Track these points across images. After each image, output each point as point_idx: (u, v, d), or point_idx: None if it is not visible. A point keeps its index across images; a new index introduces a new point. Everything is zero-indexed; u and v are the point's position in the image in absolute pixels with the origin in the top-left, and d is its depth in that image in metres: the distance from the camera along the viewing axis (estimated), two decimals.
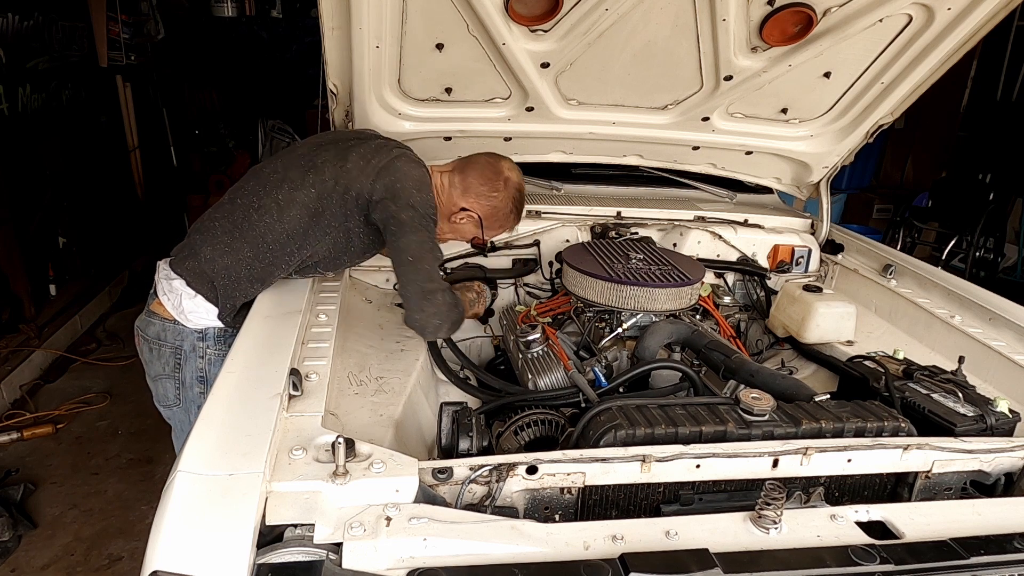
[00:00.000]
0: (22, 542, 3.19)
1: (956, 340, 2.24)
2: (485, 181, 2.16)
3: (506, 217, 2.22)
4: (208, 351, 2.09)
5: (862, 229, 5.32)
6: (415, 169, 2.06)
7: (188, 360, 2.10)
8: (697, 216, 2.99)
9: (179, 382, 2.13)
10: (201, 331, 2.08)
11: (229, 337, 2.07)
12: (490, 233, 2.26)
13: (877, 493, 1.62)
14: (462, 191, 2.16)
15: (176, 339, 2.08)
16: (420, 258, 1.97)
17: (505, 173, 2.18)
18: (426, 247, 1.98)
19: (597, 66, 2.41)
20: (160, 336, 2.09)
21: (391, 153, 2.08)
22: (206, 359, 2.10)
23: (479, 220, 2.18)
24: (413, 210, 1.98)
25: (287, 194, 2.03)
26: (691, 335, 2.13)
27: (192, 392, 2.12)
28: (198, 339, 2.08)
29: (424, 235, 1.99)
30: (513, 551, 1.16)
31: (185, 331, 2.07)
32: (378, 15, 2.07)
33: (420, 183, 2.03)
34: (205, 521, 1.12)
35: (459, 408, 1.64)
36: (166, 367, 2.12)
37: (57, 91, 5.29)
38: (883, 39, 2.36)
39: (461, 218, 2.18)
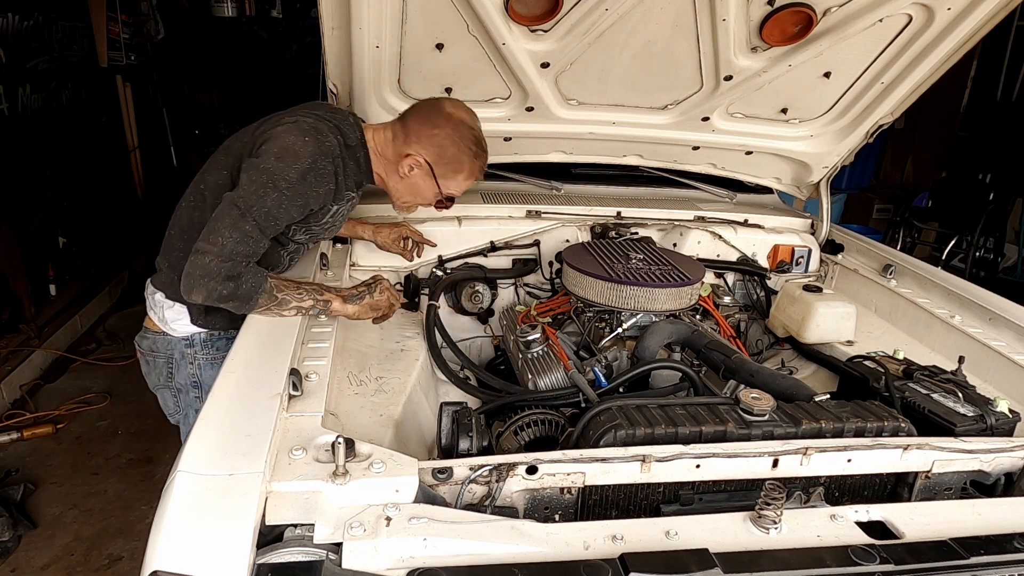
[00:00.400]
0: (22, 542, 3.19)
1: (956, 340, 2.24)
2: (424, 120, 1.96)
3: (457, 159, 1.98)
4: (197, 356, 2.10)
5: (862, 229, 5.32)
6: (292, 136, 1.83)
7: (179, 368, 2.12)
8: (697, 216, 2.99)
9: (175, 390, 2.16)
10: (187, 338, 2.09)
11: (217, 340, 2.10)
12: (447, 183, 2.02)
13: (877, 493, 1.62)
14: (404, 139, 1.98)
15: (166, 349, 2.11)
16: (216, 219, 1.75)
17: (447, 109, 1.98)
18: (230, 214, 1.75)
19: (597, 66, 2.41)
20: (153, 349, 2.13)
21: (284, 116, 1.92)
22: (196, 364, 2.11)
23: (428, 166, 1.97)
24: (256, 173, 1.78)
25: (207, 182, 1.98)
26: (691, 335, 2.13)
27: (188, 397, 2.14)
28: (186, 346, 2.09)
29: (238, 204, 1.76)
30: (513, 551, 1.16)
31: (173, 340, 2.09)
32: (378, 15, 2.07)
33: (285, 151, 1.80)
34: (205, 521, 1.12)
35: (459, 408, 1.64)
36: (160, 377, 2.16)
37: (57, 91, 5.30)
38: (883, 39, 2.36)
39: (409, 167, 1.98)
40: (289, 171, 1.79)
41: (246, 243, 1.75)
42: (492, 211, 2.83)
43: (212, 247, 1.72)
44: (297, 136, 1.83)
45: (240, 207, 1.75)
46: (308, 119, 1.90)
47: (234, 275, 1.74)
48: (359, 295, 1.95)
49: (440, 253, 2.66)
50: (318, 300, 1.86)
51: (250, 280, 1.76)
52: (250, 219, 1.76)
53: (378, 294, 1.98)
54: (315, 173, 1.84)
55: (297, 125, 1.86)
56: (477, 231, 2.72)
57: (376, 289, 1.98)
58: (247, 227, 1.75)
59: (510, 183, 3.06)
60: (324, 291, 1.89)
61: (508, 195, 2.99)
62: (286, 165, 1.79)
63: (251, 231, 1.76)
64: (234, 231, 1.73)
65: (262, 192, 1.77)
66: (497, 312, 2.66)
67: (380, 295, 1.98)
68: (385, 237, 2.55)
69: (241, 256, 1.75)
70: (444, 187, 2.02)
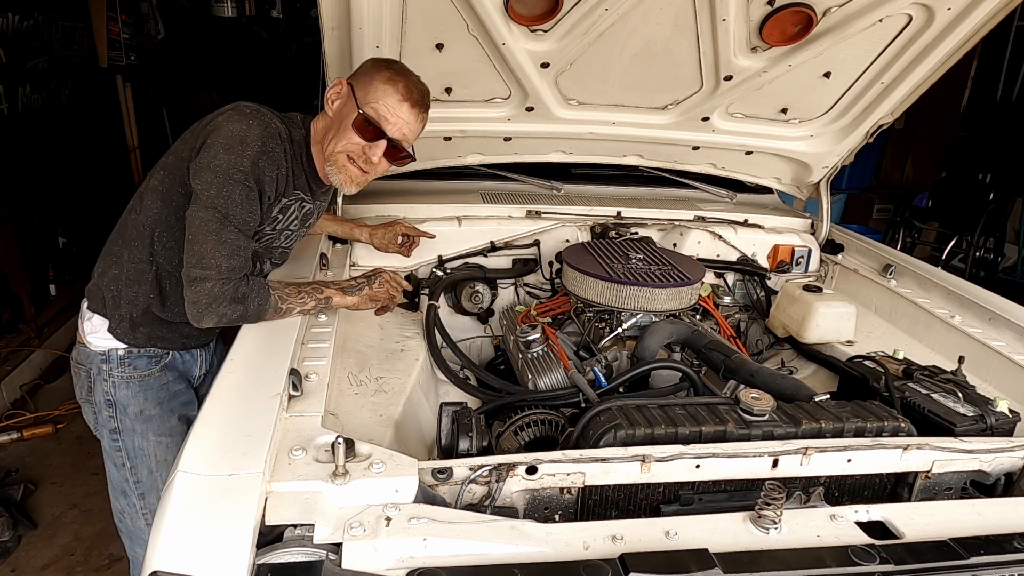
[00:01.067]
0: (22, 542, 3.19)
1: (956, 340, 2.24)
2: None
3: (374, 66, 1.84)
4: (113, 373, 1.97)
5: (862, 229, 5.32)
6: (236, 123, 1.74)
7: (96, 383, 2.00)
8: (697, 216, 2.99)
9: (96, 407, 2.02)
10: (103, 353, 1.97)
11: (135, 358, 1.97)
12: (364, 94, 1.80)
13: (877, 493, 1.62)
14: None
15: (88, 362, 2.00)
16: (197, 238, 1.69)
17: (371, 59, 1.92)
18: (209, 228, 1.68)
19: (597, 66, 2.41)
20: (78, 360, 2.04)
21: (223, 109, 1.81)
22: (110, 382, 1.97)
23: (347, 85, 1.84)
24: (211, 175, 1.69)
25: (146, 183, 1.90)
26: (691, 335, 2.13)
27: (103, 416, 2.01)
28: (102, 361, 1.97)
29: (210, 213, 1.69)
30: (513, 551, 1.16)
31: (92, 353, 1.98)
32: (378, 15, 2.07)
33: (231, 140, 1.71)
34: (205, 521, 1.12)
35: (459, 408, 1.64)
36: (82, 391, 2.05)
37: (57, 91, 5.29)
38: (883, 39, 2.36)
39: (332, 99, 1.86)
40: (242, 160, 1.70)
41: (237, 254, 1.72)
42: (492, 211, 2.83)
43: (209, 271, 1.68)
44: (240, 122, 1.74)
45: (215, 217, 1.69)
46: (248, 105, 1.82)
47: (239, 296, 1.71)
48: (359, 286, 1.94)
49: (440, 253, 2.66)
50: (319, 300, 1.86)
51: (256, 299, 1.74)
52: (229, 226, 1.70)
53: (377, 285, 1.96)
54: (266, 157, 1.75)
55: (237, 111, 1.78)
56: (477, 231, 2.72)
57: (376, 280, 1.97)
58: (231, 236, 1.70)
59: (510, 183, 3.07)
60: (324, 288, 1.88)
61: (508, 195, 2.99)
62: (237, 155, 1.70)
63: (236, 239, 1.71)
64: (221, 247, 1.69)
65: (226, 191, 1.69)
66: (497, 312, 2.66)
67: (379, 287, 1.96)
68: (381, 238, 2.53)
69: (238, 270, 1.71)
70: (361, 101, 1.80)
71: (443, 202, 2.83)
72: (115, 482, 2.07)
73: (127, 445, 2.01)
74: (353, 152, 1.85)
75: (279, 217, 1.91)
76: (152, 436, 2.02)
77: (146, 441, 2.02)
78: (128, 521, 2.10)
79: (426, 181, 2.99)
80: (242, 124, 1.73)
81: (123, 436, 2.01)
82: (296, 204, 1.94)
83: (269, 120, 1.80)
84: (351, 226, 2.54)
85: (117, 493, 2.08)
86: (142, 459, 2.02)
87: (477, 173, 3.01)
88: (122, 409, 1.99)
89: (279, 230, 1.95)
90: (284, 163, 1.82)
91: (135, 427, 2.00)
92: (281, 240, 1.99)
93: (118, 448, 2.02)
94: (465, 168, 2.94)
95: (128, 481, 2.04)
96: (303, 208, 1.98)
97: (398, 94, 1.82)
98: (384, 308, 2.04)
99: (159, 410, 2.03)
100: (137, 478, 2.04)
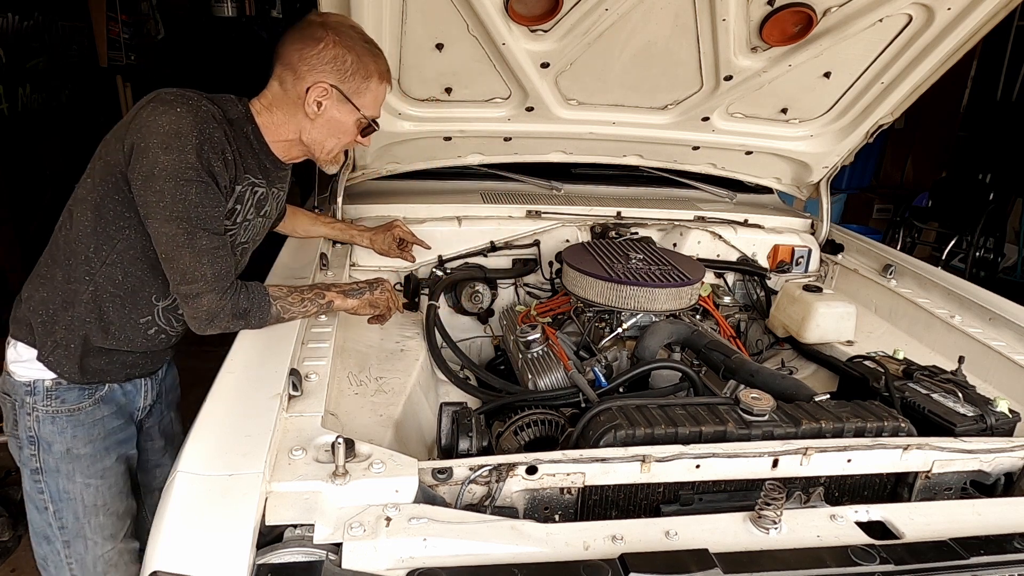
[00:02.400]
0: (22, 542, 3.19)
1: (956, 340, 2.24)
2: (302, 44, 1.69)
3: (360, 64, 1.72)
4: (37, 407, 1.77)
5: (862, 229, 5.32)
6: (164, 115, 1.56)
7: (20, 417, 1.79)
8: (697, 216, 2.99)
9: (20, 442, 1.82)
10: (29, 384, 1.76)
11: (64, 391, 1.77)
12: (362, 98, 1.75)
13: (877, 493, 1.62)
14: (293, 76, 1.70)
15: (13, 392, 1.79)
16: (171, 255, 1.60)
17: (315, 19, 1.73)
18: (179, 242, 1.57)
19: (597, 66, 2.41)
20: (3, 388, 1.82)
21: (143, 102, 1.63)
22: (34, 416, 1.77)
23: (334, 89, 1.71)
24: (159, 182, 1.54)
25: (74, 196, 1.74)
26: (691, 335, 2.13)
27: (24, 453, 1.81)
28: (26, 393, 1.77)
29: (174, 226, 1.56)
30: (513, 551, 1.16)
31: (17, 384, 1.78)
32: (378, 15, 2.07)
33: (167, 136, 1.54)
34: (205, 521, 1.12)
35: (459, 408, 1.64)
36: (8, 423, 1.83)
37: (57, 91, 5.30)
38: (883, 39, 2.36)
39: (316, 103, 1.71)
40: (186, 155, 1.55)
41: (217, 258, 1.63)
42: (492, 211, 2.83)
43: (196, 284, 1.60)
44: (167, 113, 1.56)
45: (181, 229, 1.57)
46: (170, 92, 1.64)
47: (241, 312, 1.66)
48: (359, 290, 1.92)
49: (440, 253, 2.66)
50: (322, 306, 1.84)
51: (257, 314, 1.70)
52: (198, 231, 1.59)
53: (378, 292, 1.94)
54: (209, 144, 1.60)
55: (159, 100, 1.60)
56: (477, 231, 2.72)
57: (377, 288, 1.95)
58: (204, 243, 1.60)
59: (510, 183, 3.07)
60: (326, 293, 1.86)
61: (508, 195, 2.99)
62: (178, 152, 1.54)
63: (209, 243, 1.61)
64: (199, 257, 1.59)
65: (180, 195, 1.55)
66: (497, 312, 2.66)
67: (380, 294, 1.95)
68: (381, 243, 2.50)
69: (225, 274, 1.65)
70: (361, 105, 1.75)
71: (443, 202, 2.83)
72: (36, 526, 1.86)
73: (51, 487, 1.81)
74: (349, 145, 1.87)
75: (236, 208, 1.77)
76: (80, 478, 1.82)
77: (72, 483, 1.81)
78: (52, 569, 1.89)
79: (426, 181, 2.99)
80: (170, 115, 1.56)
81: (46, 477, 1.81)
82: (248, 190, 1.79)
83: (197, 103, 1.62)
84: (352, 232, 2.51)
85: (39, 538, 1.88)
86: (67, 503, 1.82)
87: (477, 173, 3.01)
88: (46, 447, 1.79)
89: (240, 223, 1.81)
90: (228, 146, 1.66)
91: (60, 467, 1.80)
92: (243, 235, 1.85)
93: (40, 490, 1.82)
94: (465, 168, 2.93)
95: (51, 526, 1.84)
96: (256, 193, 1.81)
97: (387, 85, 1.81)
98: (380, 317, 2.01)
99: (90, 449, 1.82)
100: (62, 523, 1.84)
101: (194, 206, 1.58)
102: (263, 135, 1.78)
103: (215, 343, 1.75)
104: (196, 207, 1.58)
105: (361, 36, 1.75)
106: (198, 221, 1.59)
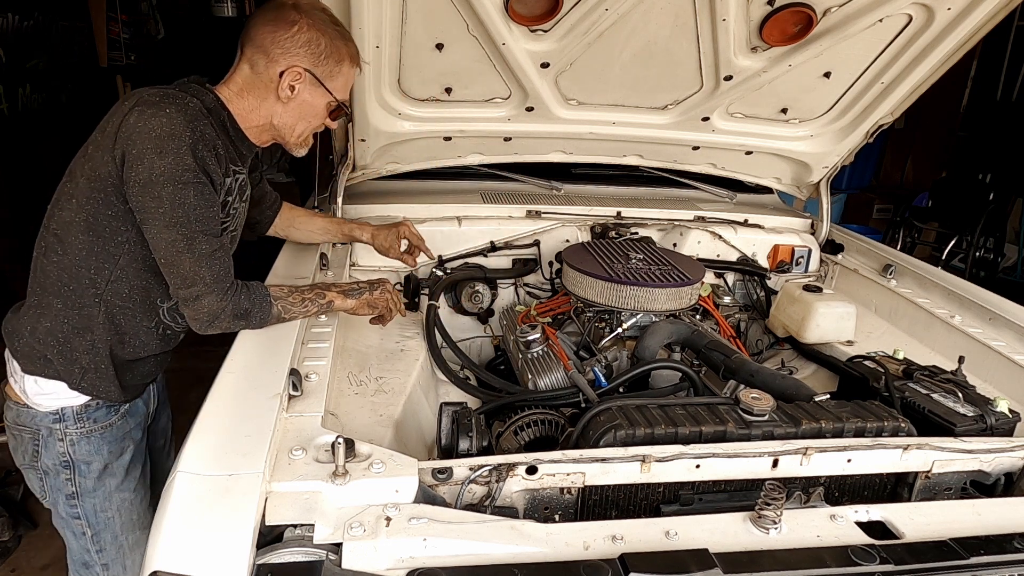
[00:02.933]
0: (22, 542, 3.19)
1: (956, 340, 2.24)
2: (274, 26, 1.67)
3: (333, 47, 1.72)
4: (69, 431, 1.76)
5: (862, 229, 5.32)
6: (153, 118, 1.54)
7: (47, 446, 1.77)
8: (697, 216, 2.99)
9: (41, 472, 1.80)
10: (56, 412, 1.75)
11: (94, 411, 1.77)
12: (334, 82, 1.75)
13: (877, 493, 1.62)
14: (265, 59, 1.68)
15: (32, 423, 1.76)
16: (171, 261, 1.60)
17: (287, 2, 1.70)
18: (178, 247, 1.57)
19: (597, 66, 2.41)
20: (17, 421, 1.78)
21: (124, 107, 1.60)
22: (66, 441, 1.76)
23: (309, 73, 1.70)
24: (157, 188, 1.53)
25: (57, 219, 1.67)
26: (691, 335, 2.13)
27: (58, 480, 1.79)
28: (54, 421, 1.75)
29: (173, 232, 1.56)
30: (513, 551, 1.16)
31: (39, 415, 1.75)
32: (378, 15, 2.07)
33: (161, 140, 1.53)
34: (205, 521, 1.12)
35: (459, 408, 1.64)
36: (26, 455, 1.79)
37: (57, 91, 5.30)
38: (883, 39, 2.36)
39: (289, 87, 1.70)
40: (182, 158, 1.54)
41: (216, 260, 1.63)
42: (492, 211, 2.83)
43: (197, 287, 1.61)
44: (156, 116, 1.55)
45: (180, 235, 1.57)
46: (151, 92, 1.63)
47: (242, 313, 1.66)
48: (360, 291, 1.91)
49: (440, 253, 2.66)
50: (322, 306, 1.84)
51: (258, 315, 1.70)
52: (197, 236, 1.59)
53: (378, 293, 1.93)
54: (202, 142, 1.60)
55: (144, 103, 1.58)
56: (477, 231, 2.72)
57: (378, 288, 1.94)
58: (203, 246, 1.60)
59: (510, 183, 3.07)
60: (326, 293, 1.86)
61: (508, 195, 2.99)
62: (174, 155, 1.53)
63: (208, 246, 1.61)
64: (199, 261, 1.60)
65: (179, 199, 1.55)
66: (497, 312, 2.66)
67: (380, 295, 1.93)
68: (384, 240, 2.39)
69: (224, 275, 1.65)
70: (333, 88, 1.75)
71: (443, 202, 2.83)
72: (75, 553, 1.87)
73: (87, 510, 1.82)
74: (318, 128, 1.86)
75: (228, 200, 1.77)
76: (116, 495, 1.84)
77: (109, 502, 1.83)
78: None
79: (426, 181, 2.99)
80: (160, 118, 1.54)
81: (83, 500, 1.80)
82: (234, 180, 1.78)
83: (182, 100, 1.61)
84: (351, 226, 2.44)
85: (77, 566, 1.89)
86: (106, 524, 1.84)
87: (477, 173, 3.01)
88: (83, 468, 1.79)
89: (231, 215, 1.82)
90: (217, 139, 1.66)
91: (96, 488, 1.81)
92: (232, 224, 1.84)
93: (76, 516, 1.82)
94: (465, 168, 2.93)
95: (90, 551, 1.85)
96: (238, 180, 1.81)
97: (357, 68, 1.82)
98: (380, 318, 1.98)
99: (122, 461, 1.85)
100: (100, 546, 1.85)
101: (193, 209, 1.58)
102: (237, 122, 1.76)
103: (215, 343, 1.76)
104: (195, 210, 1.58)
105: (331, 19, 1.75)
106: (197, 225, 1.59)
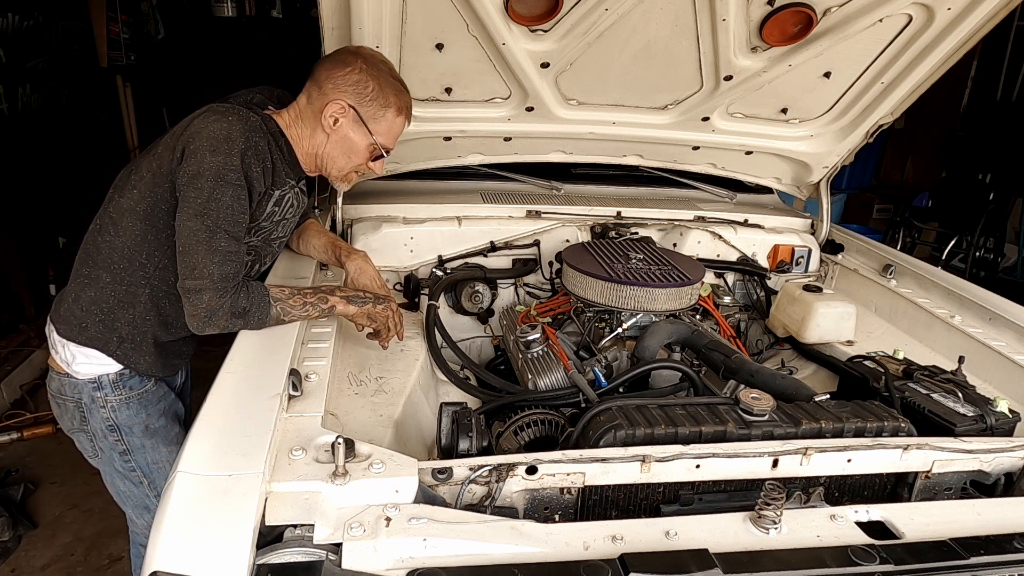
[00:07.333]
0: (22, 542, 3.19)
1: (956, 340, 2.24)
2: (333, 65, 1.82)
3: (380, 93, 1.82)
4: (108, 399, 1.90)
5: (862, 229, 5.32)
6: (216, 123, 1.68)
7: (91, 412, 1.93)
8: (697, 216, 2.99)
9: (91, 435, 1.98)
10: (94, 380, 1.89)
11: (128, 379, 1.91)
12: (377, 125, 1.85)
13: (877, 493, 1.62)
14: (318, 91, 1.82)
15: (75, 393, 1.91)
16: (188, 249, 1.66)
17: (352, 49, 1.90)
18: (199, 238, 1.65)
19: (597, 66, 2.41)
20: (61, 391, 1.93)
21: (194, 114, 1.77)
22: (108, 407, 1.91)
23: (352, 109, 1.81)
24: (201, 180, 1.64)
25: (116, 204, 1.81)
26: (691, 335, 2.13)
27: (107, 442, 1.97)
28: (94, 389, 1.89)
29: (199, 222, 1.65)
30: (513, 551, 1.16)
31: (79, 383, 1.90)
32: (378, 15, 2.07)
33: (216, 141, 1.66)
34: (205, 521, 1.12)
35: (459, 408, 1.64)
36: (74, 422, 1.97)
37: (57, 91, 5.29)
38: (883, 39, 2.36)
39: (333, 119, 1.82)
40: (231, 159, 1.66)
41: (229, 261, 1.68)
42: (492, 211, 2.83)
43: (202, 280, 1.65)
44: (219, 121, 1.69)
45: (204, 225, 1.65)
46: (222, 105, 1.79)
47: (240, 311, 1.69)
48: (364, 300, 1.90)
49: (440, 253, 2.66)
50: (323, 310, 1.84)
51: (257, 314, 1.72)
52: (219, 232, 1.66)
53: (380, 308, 1.91)
54: (253, 152, 1.71)
55: (212, 111, 1.73)
56: (477, 231, 2.72)
57: (382, 303, 1.91)
58: (221, 244, 1.66)
59: (510, 183, 3.07)
60: (328, 297, 1.85)
61: (508, 195, 2.99)
62: (225, 155, 1.65)
63: (227, 245, 1.67)
64: (212, 255, 1.65)
65: (216, 194, 1.65)
66: (497, 312, 2.66)
67: (382, 310, 1.91)
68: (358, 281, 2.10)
69: (231, 277, 1.68)
70: (375, 131, 1.85)
71: (443, 202, 2.83)
72: (136, 499, 2.06)
73: (140, 463, 2.00)
74: (360, 169, 1.96)
75: (275, 210, 1.89)
76: (163, 447, 2.01)
77: (158, 453, 2.01)
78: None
79: (426, 181, 2.99)
80: (222, 122, 1.69)
81: (135, 455, 1.98)
82: (291, 193, 1.94)
83: (247, 115, 1.75)
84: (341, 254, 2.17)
85: (140, 510, 2.07)
86: (159, 471, 2.01)
87: (477, 173, 3.01)
88: (128, 430, 1.95)
89: (276, 222, 1.94)
90: (269, 155, 1.78)
91: (144, 444, 1.98)
92: (279, 231, 1.98)
93: (131, 468, 2.00)
94: (465, 168, 2.94)
95: (149, 496, 2.03)
96: (299, 197, 2.00)
97: (405, 120, 1.93)
98: (377, 334, 1.95)
99: (164, 421, 2.01)
100: (157, 491, 2.00)
101: (225, 207, 1.67)
102: (292, 147, 1.89)
103: (216, 343, 1.76)
104: (226, 208, 1.67)
105: (390, 71, 1.88)
106: (223, 223, 1.67)
